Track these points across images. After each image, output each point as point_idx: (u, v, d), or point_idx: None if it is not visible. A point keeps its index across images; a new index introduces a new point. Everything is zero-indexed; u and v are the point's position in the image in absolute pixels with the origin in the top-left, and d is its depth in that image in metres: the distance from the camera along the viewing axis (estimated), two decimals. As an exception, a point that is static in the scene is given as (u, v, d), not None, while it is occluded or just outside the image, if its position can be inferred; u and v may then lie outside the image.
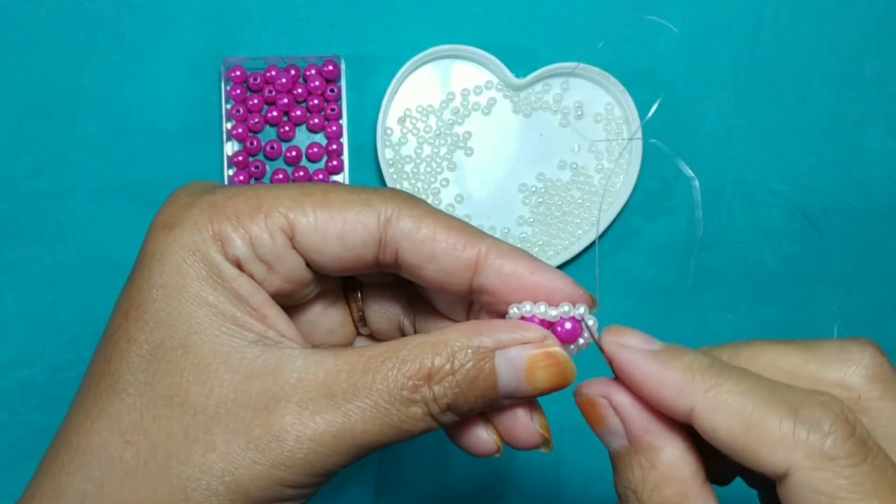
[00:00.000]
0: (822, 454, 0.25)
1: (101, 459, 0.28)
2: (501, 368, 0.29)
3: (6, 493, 0.53)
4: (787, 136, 0.57)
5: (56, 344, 0.53)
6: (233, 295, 0.29)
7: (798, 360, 0.29)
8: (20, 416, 0.53)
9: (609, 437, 0.29)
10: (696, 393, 0.27)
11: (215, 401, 0.27)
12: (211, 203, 0.29)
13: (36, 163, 0.53)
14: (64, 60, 0.54)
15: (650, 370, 0.28)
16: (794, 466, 0.25)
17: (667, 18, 0.56)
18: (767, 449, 0.26)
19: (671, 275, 0.57)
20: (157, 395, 0.28)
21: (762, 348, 0.30)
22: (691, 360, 0.27)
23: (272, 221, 0.29)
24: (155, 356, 0.28)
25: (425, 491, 0.56)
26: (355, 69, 0.55)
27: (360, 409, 0.27)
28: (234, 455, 0.27)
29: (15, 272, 0.53)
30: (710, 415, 0.26)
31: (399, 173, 0.55)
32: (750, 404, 0.26)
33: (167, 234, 0.29)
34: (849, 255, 0.57)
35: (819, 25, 0.57)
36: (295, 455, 0.27)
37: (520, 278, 0.30)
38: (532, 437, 0.31)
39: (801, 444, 0.25)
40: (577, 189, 0.56)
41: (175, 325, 0.28)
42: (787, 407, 0.26)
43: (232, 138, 0.54)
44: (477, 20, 0.56)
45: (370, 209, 0.29)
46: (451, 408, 0.29)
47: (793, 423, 0.25)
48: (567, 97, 0.56)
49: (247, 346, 0.28)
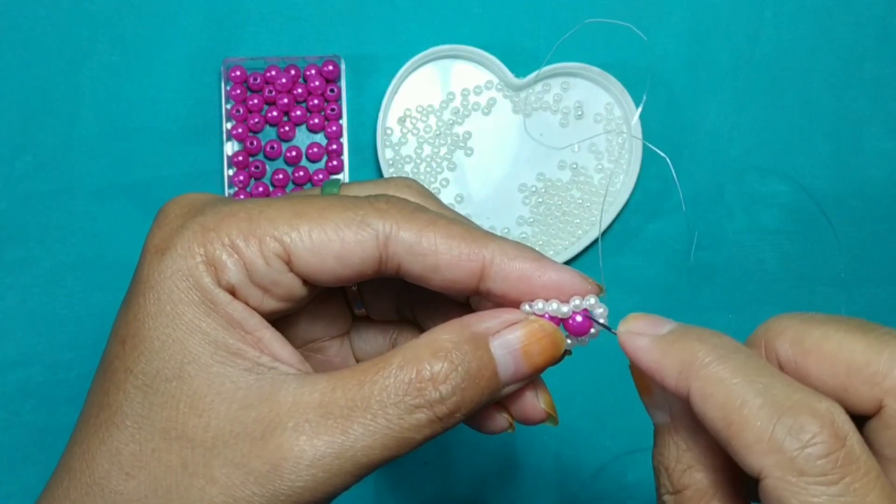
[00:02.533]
0: (792, 466, 0.23)
1: (105, 491, 0.28)
2: (498, 354, 0.29)
3: (6, 493, 0.53)
4: (788, 136, 0.57)
5: (56, 344, 0.53)
6: (226, 321, 0.28)
7: (862, 357, 0.26)
8: (20, 416, 0.53)
9: (654, 410, 0.29)
10: (690, 379, 0.26)
11: (213, 433, 0.27)
12: (203, 226, 0.28)
13: (36, 163, 0.53)
14: (64, 60, 0.54)
15: (652, 357, 0.27)
16: (764, 472, 0.24)
17: (667, 18, 0.56)
18: (744, 448, 0.24)
19: (671, 275, 0.57)
20: (154, 428, 0.27)
21: (830, 333, 0.27)
22: (691, 344, 0.27)
23: (266, 247, 0.28)
24: (150, 388, 0.28)
25: (425, 491, 0.56)
26: (355, 69, 0.55)
27: (360, 424, 0.27)
28: (234, 489, 0.27)
29: (15, 272, 0.53)
30: (699, 402, 0.26)
31: (399, 173, 0.55)
32: (737, 398, 0.25)
33: (160, 259, 0.28)
34: (849, 255, 0.57)
35: (819, 25, 0.57)
36: (295, 484, 0.27)
37: (527, 280, 0.30)
38: (538, 414, 0.32)
39: (775, 450, 0.24)
40: (577, 189, 0.56)
41: (169, 354, 0.28)
42: (773, 407, 0.24)
43: (232, 138, 0.54)
44: (477, 20, 0.56)
45: (368, 228, 0.29)
46: (459, 407, 0.28)
47: (772, 426, 0.24)
48: (567, 97, 0.56)
49: (240, 375, 0.28)
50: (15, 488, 0.53)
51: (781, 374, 0.26)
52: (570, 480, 0.56)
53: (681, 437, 0.28)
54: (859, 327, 0.27)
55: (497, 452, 0.56)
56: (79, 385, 0.53)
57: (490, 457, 0.56)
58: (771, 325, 0.28)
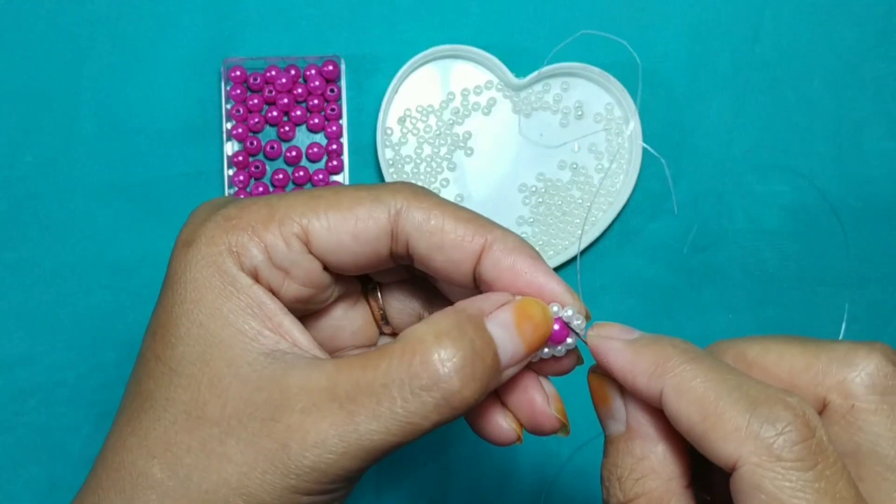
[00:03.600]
0: (769, 452, 0.25)
1: (132, 475, 0.28)
2: (496, 333, 0.29)
3: (8, 493, 0.53)
4: (788, 136, 0.57)
5: (56, 344, 0.53)
6: (247, 305, 0.29)
7: (801, 361, 0.29)
8: (20, 416, 0.53)
9: (609, 420, 0.30)
10: (665, 377, 0.27)
11: (228, 413, 0.28)
12: (225, 216, 0.30)
13: (36, 163, 0.53)
14: (64, 60, 0.54)
15: (625, 358, 0.29)
16: (741, 460, 0.25)
17: (667, 18, 0.56)
18: (720, 439, 0.26)
19: (671, 275, 0.57)
20: (178, 410, 0.28)
21: (769, 346, 0.30)
22: (664, 347, 0.28)
23: (286, 228, 0.29)
24: (176, 371, 0.29)
25: (425, 491, 0.56)
26: (355, 69, 0.55)
27: (364, 407, 0.27)
28: (247, 467, 0.27)
29: (15, 272, 0.53)
30: (674, 399, 0.27)
31: (399, 173, 0.55)
32: (712, 393, 0.26)
33: (186, 251, 0.29)
34: (849, 255, 0.57)
35: (819, 25, 0.57)
36: (302, 462, 0.27)
37: (516, 274, 0.30)
38: (550, 421, 0.32)
39: (752, 438, 0.25)
40: (577, 189, 0.56)
41: (193, 339, 0.29)
42: (748, 400, 0.26)
43: (232, 138, 0.54)
44: (477, 20, 0.56)
45: (380, 204, 0.30)
46: (465, 387, 0.28)
47: (749, 416, 0.26)
48: (567, 97, 0.56)
49: (257, 358, 0.29)
50: (16, 488, 0.53)
51: (749, 374, 0.28)
52: (570, 481, 0.56)
53: (636, 445, 0.29)
54: (795, 339, 0.30)
55: (497, 453, 0.56)
56: (79, 385, 0.53)
57: (490, 457, 0.56)
58: (713, 347, 0.31)
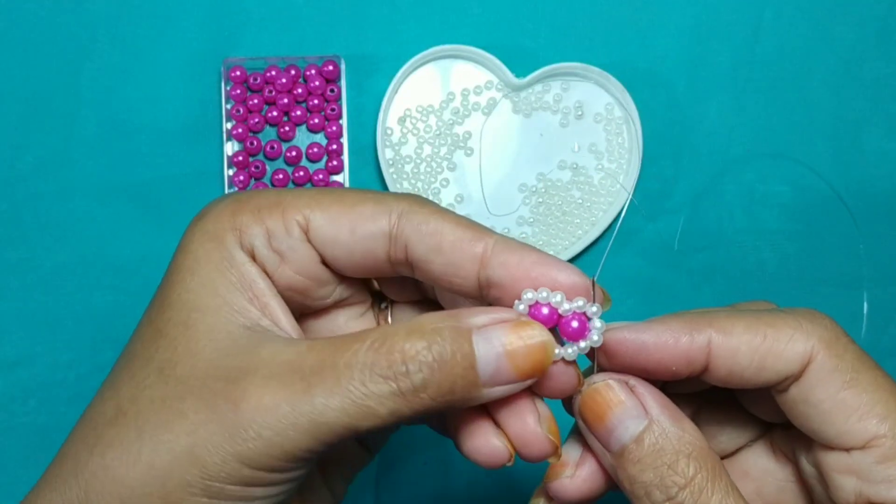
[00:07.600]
0: (836, 340, 0.30)
1: (98, 424, 0.29)
2: (479, 347, 0.28)
3: (7, 493, 0.53)
4: (787, 136, 0.57)
5: (56, 344, 0.53)
6: (238, 280, 0.30)
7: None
8: (20, 416, 0.53)
9: (618, 429, 0.30)
10: (708, 330, 0.30)
11: (196, 374, 0.29)
12: (236, 199, 0.31)
13: (36, 163, 0.53)
14: (64, 60, 0.54)
15: (658, 329, 0.30)
16: (814, 352, 0.30)
17: (667, 18, 0.56)
18: (785, 344, 0.30)
19: (671, 275, 0.57)
20: (152, 367, 0.29)
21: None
22: (682, 314, 0.31)
23: (289, 215, 0.31)
24: (161, 332, 0.30)
25: (425, 491, 0.56)
26: (355, 69, 0.55)
27: (324, 382, 0.27)
28: (199, 426, 0.28)
29: (15, 272, 0.53)
30: (726, 339, 0.30)
31: (399, 173, 0.55)
32: (755, 320, 0.30)
33: (195, 224, 0.31)
34: (849, 256, 0.57)
35: (819, 25, 0.57)
36: (251, 427, 0.27)
37: (526, 269, 0.30)
38: (542, 443, 0.30)
39: (814, 333, 0.30)
40: (577, 189, 0.56)
41: (182, 304, 0.30)
42: (789, 314, 0.31)
43: (232, 138, 0.54)
44: (477, 20, 0.56)
45: (383, 206, 0.31)
46: (425, 387, 0.27)
47: (800, 322, 0.30)
48: (567, 97, 0.56)
49: (237, 329, 0.29)
50: (15, 488, 0.53)
51: None
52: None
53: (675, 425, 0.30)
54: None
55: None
56: (79, 385, 0.53)
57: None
58: None
